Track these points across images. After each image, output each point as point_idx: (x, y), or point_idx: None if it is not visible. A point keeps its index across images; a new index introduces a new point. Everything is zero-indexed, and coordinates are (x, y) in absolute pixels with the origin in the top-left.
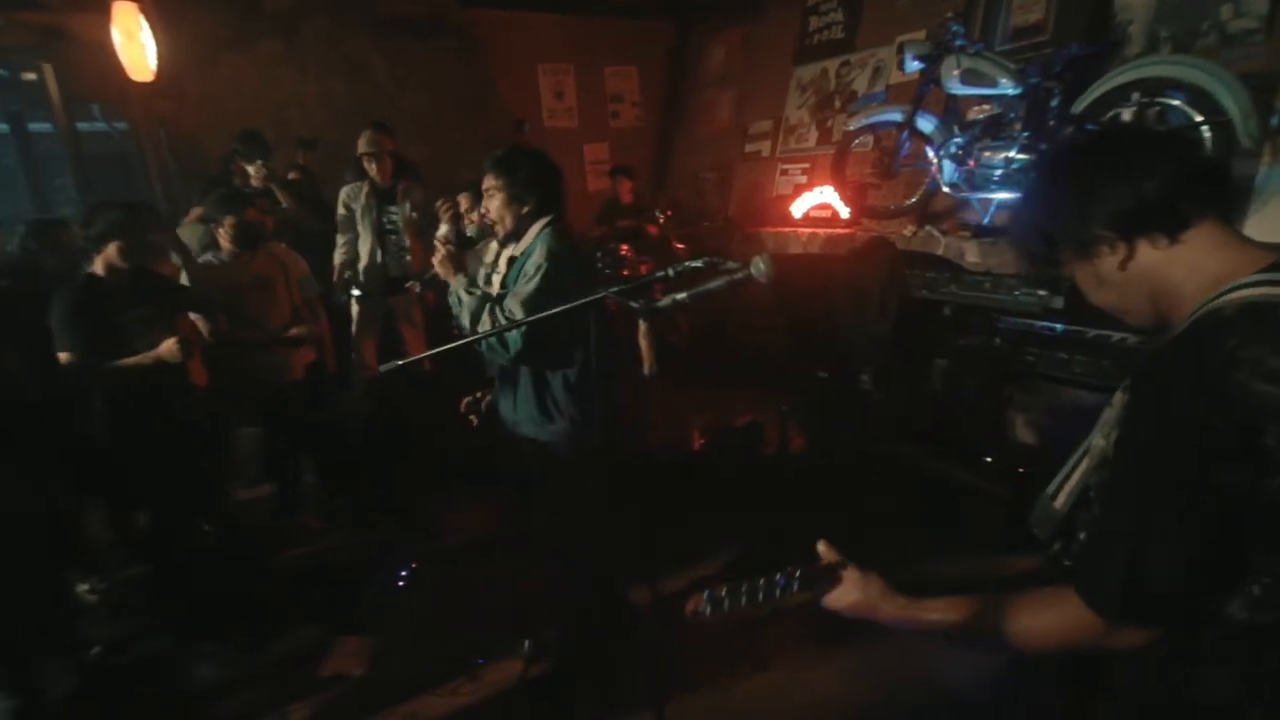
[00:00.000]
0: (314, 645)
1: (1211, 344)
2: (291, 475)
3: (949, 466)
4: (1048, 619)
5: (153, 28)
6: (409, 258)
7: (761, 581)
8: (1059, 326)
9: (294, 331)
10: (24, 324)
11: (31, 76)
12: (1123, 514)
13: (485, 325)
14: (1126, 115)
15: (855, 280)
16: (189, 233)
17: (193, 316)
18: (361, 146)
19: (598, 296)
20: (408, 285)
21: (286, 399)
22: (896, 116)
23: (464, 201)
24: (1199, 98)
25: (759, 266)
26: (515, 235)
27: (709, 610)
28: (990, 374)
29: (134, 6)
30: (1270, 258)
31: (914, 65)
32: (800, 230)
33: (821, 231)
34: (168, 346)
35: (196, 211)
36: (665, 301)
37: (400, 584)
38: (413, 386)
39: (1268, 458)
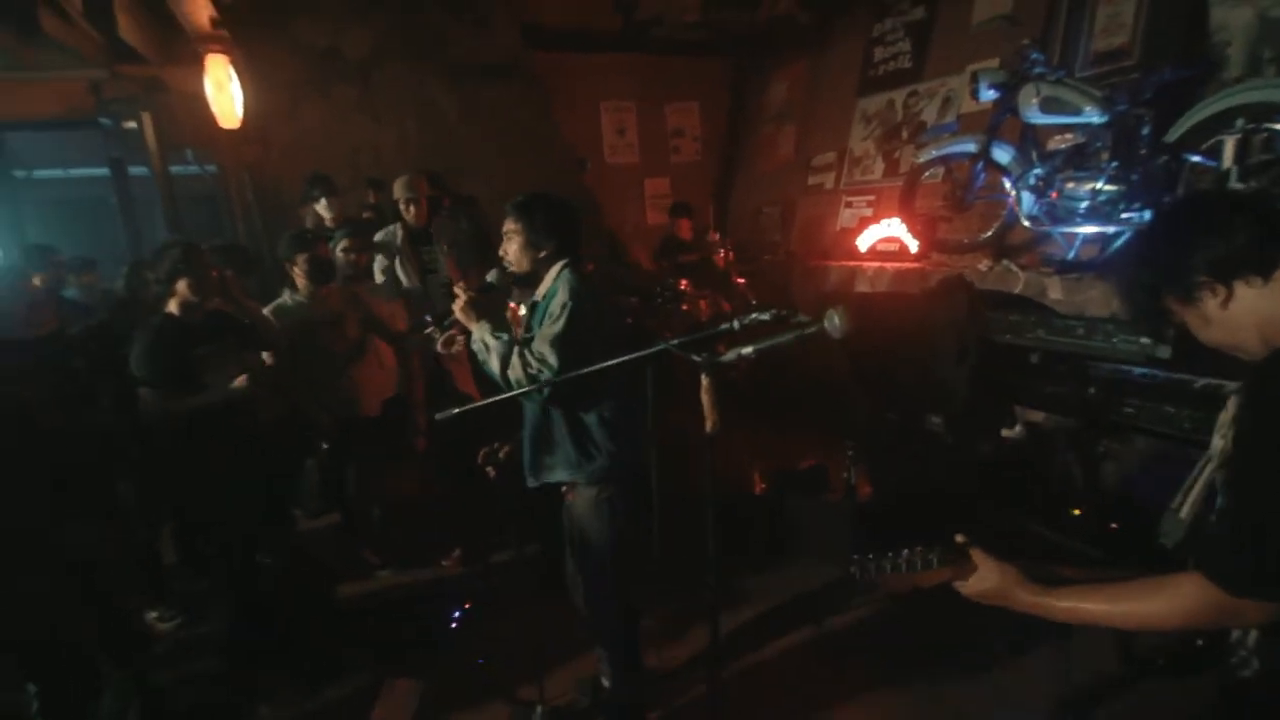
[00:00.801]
0: (366, 688)
1: None
2: (356, 510)
3: (1030, 520)
4: (1171, 598)
5: (241, 78)
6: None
7: (906, 553)
8: (1160, 374)
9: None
10: (120, 360)
11: (132, 124)
12: (1249, 497)
13: (516, 369)
14: (1230, 143)
15: (930, 320)
16: None
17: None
18: (398, 192)
19: (657, 349)
20: (428, 329)
21: (355, 433)
22: (971, 147)
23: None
24: None
25: (833, 320)
26: (532, 279)
27: (859, 573)
28: (1083, 425)
29: (224, 59)
30: None
31: (989, 94)
32: (866, 265)
33: (889, 266)
34: (239, 383)
35: None
36: (730, 356)
37: (454, 625)
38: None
39: None
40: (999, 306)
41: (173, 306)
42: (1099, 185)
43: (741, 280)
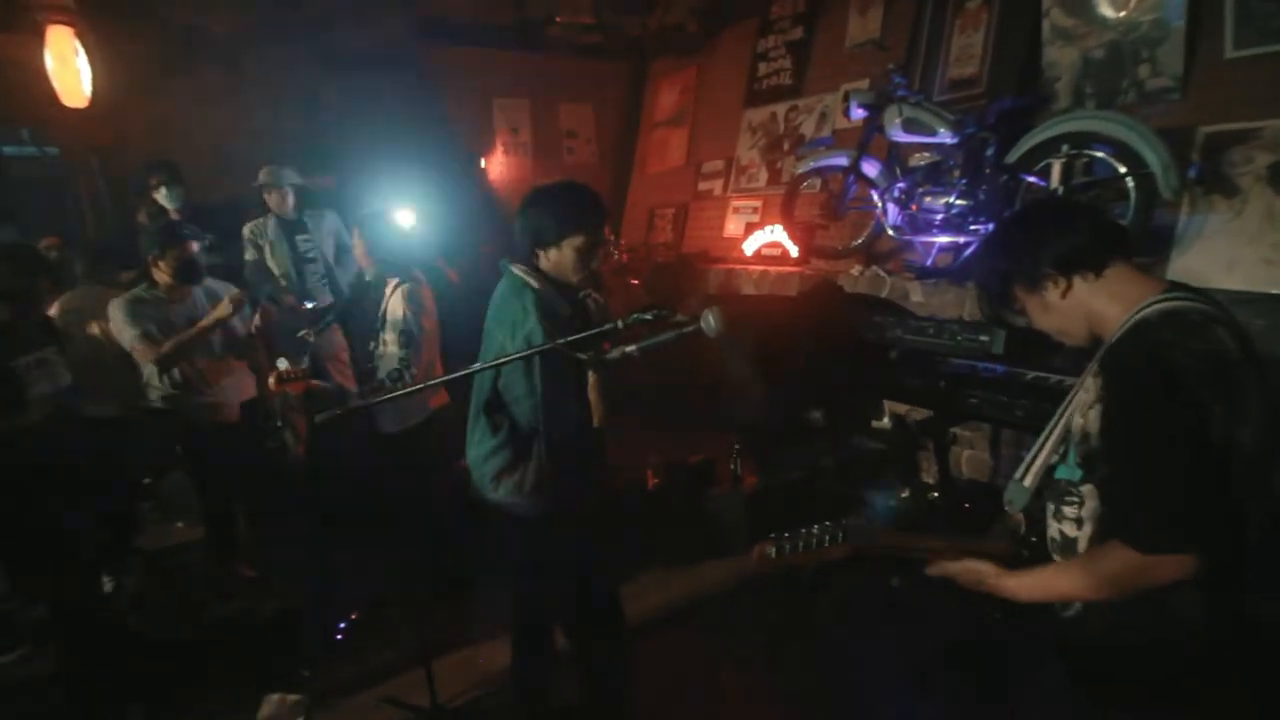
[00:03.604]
0: (242, 705)
1: (1151, 338)
2: (225, 521)
3: (899, 502)
4: (1103, 566)
5: (89, 53)
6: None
7: (816, 529)
8: (999, 368)
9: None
10: None
11: None
12: (1127, 464)
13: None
14: (1057, 165)
15: (808, 321)
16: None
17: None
18: (260, 179)
19: (545, 347)
20: (303, 333)
21: (220, 441)
22: (843, 161)
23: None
24: (1123, 151)
25: (709, 321)
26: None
27: (774, 553)
28: (936, 415)
29: (69, 30)
30: (1165, 285)
31: (859, 113)
32: (752, 268)
33: (772, 270)
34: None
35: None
36: (615, 354)
37: (339, 637)
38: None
39: (1203, 408)
40: (869, 309)
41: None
42: (951, 199)
43: (636, 281)
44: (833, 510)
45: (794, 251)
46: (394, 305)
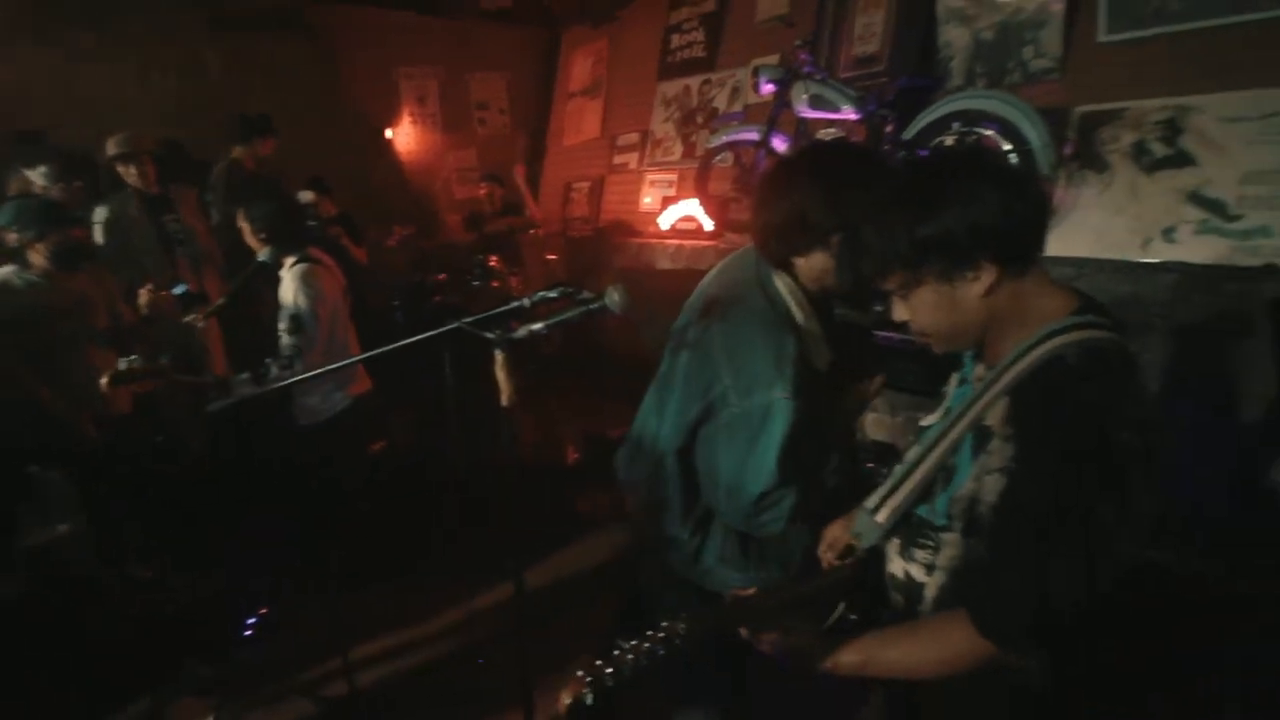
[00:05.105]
0: (146, 706)
1: (1077, 398)
2: (111, 521)
3: None
4: (943, 651)
5: None
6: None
7: (645, 644)
8: (895, 336)
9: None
10: None
11: None
12: (1017, 556)
13: None
14: (949, 142)
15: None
16: None
17: None
18: (111, 150)
19: (451, 327)
20: (191, 318)
21: (108, 436)
22: (754, 135)
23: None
24: (1008, 129)
25: (614, 298)
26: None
27: (590, 698)
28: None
29: None
30: (1074, 300)
31: (767, 88)
32: (668, 242)
33: (688, 244)
34: None
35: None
36: (521, 332)
37: (248, 633)
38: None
39: (1127, 497)
40: None
41: None
42: None
43: (552, 256)
44: None
45: (709, 225)
46: (285, 290)
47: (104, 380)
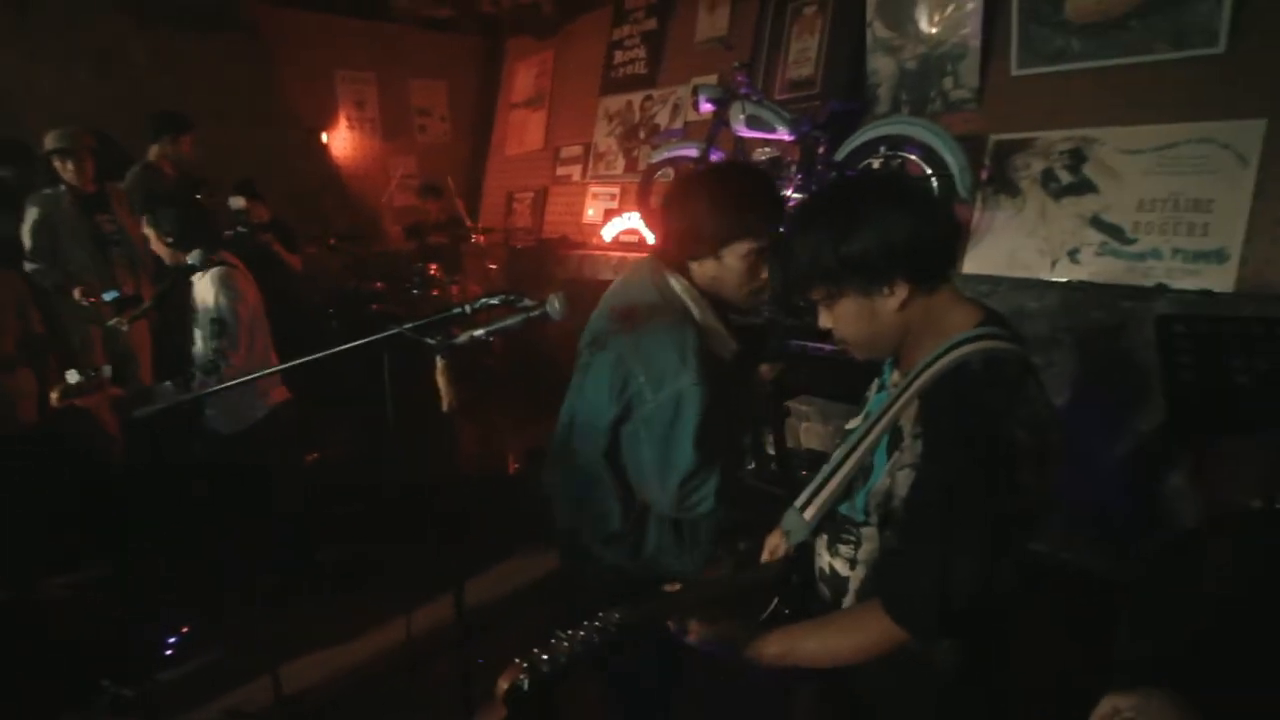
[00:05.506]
0: None
1: (977, 400)
2: (18, 537)
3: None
4: (860, 638)
5: None
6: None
7: (581, 634)
8: (826, 347)
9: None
10: None
11: None
12: (926, 545)
13: None
14: (876, 165)
15: None
16: None
17: None
18: (50, 144)
19: (392, 332)
20: (114, 321)
21: (7, 444)
22: (693, 152)
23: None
24: (929, 154)
25: (554, 305)
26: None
27: (526, 684)
28: (774, 391)
29: None
30: (980, 313)
31: (706, 107)
32: (610, 254)
33: (630, 256)
34: None
35: None
36: (463, 338)
37: (169, 653)
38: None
39: (1023, 492)
40: None
41: None
42: (789, 193)
43: (493, 266)
44: None
45: (650, 238)
46: (203, 293)
47: (54, 395)
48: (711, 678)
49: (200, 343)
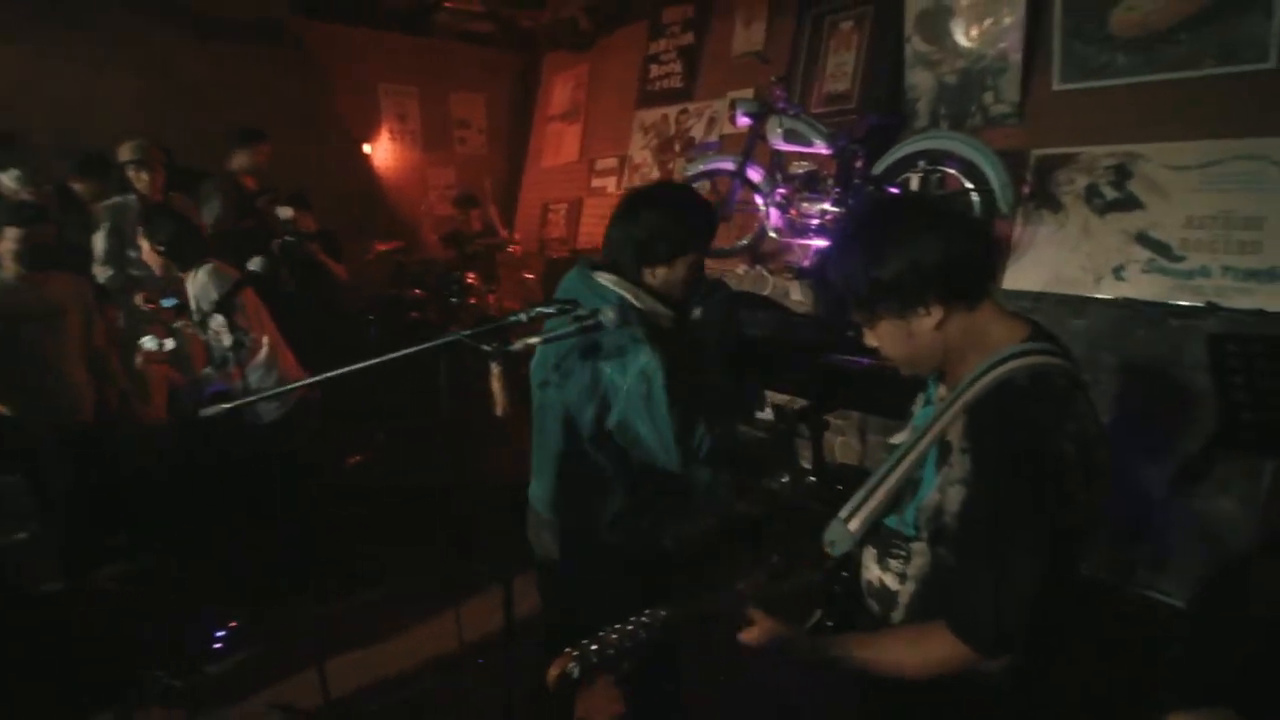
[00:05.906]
0: None
1: (1024, 416)
2: (74, 528)
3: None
4: (925, 653)
5: None
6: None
7: (630, 628)
8: (865, 361)
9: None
10: None
11: None
12: (984, 561)
13: None
14: (915, 179)
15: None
16: None
17: None
18: (125, 155)
19: (450, 340)
20: (178, 324)
21: (71, 442)
22: (729, 166)
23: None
24: (970, 169)
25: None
26: None
27: (577, 671)
28: (812, 405)
29: None
30: (1027, 328)
31: (743, 121)
32: None
33: None
34: None
35: None
36: (518, 345)
37: (217, 646)
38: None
39: (1073, 505)
40: (752, 306)
41: None
42: (826, 206)
43: (530, 276)
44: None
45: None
46: (203, 289)
47: (139, 359)
48: (711, 678)
49: (220, 332)
